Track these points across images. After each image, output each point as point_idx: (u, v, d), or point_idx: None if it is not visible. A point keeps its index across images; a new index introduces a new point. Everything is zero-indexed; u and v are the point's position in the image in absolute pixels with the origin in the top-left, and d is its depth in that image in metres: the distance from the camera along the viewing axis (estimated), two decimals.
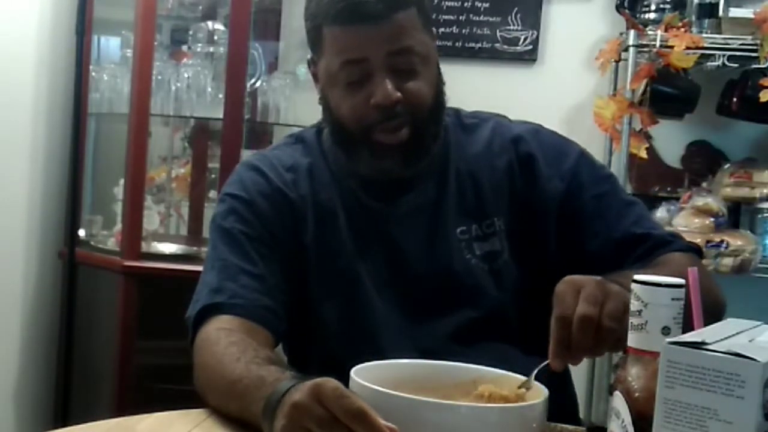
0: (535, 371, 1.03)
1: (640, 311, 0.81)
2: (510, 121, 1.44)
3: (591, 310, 1.00)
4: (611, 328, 0.99)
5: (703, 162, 2.91)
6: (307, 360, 1.37)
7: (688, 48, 2.55)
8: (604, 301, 1.01)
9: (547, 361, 1.02)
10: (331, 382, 0.92)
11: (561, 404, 1.19)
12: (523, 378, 1.03)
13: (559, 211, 1.34)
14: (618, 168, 2.60)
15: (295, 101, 2.83)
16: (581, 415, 1.49)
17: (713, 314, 1.13)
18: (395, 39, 1.27)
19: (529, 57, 3.03)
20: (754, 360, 0.69)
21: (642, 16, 2.78)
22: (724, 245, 2.57)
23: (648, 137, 2.73)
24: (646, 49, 2.63)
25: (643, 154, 2.65)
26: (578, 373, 1.46)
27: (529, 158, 1.36)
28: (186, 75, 2.70)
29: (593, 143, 2.50)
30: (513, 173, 1.37)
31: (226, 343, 1.17)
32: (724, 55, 2.59)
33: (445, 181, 1.37)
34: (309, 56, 1.39)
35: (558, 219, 1.34)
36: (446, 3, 3.03)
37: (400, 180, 1.36)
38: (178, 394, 1.19)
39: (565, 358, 1.01)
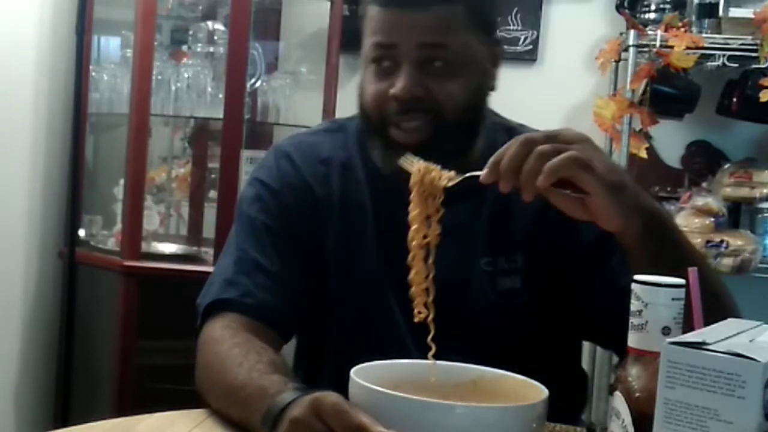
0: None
1: (640, 311, 0.81)
2: None
3: (548, 147, 1.02)
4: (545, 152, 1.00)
5: (703, 162, 2.91)
6: (318, 356, 1.35)
7: (688, 48, 2.55)
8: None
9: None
10: (331, 397, 0.90)
11: (564, 401, 1.16)
12: (522, 378, 1.02)
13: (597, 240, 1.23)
14: None
15: (295, 101, 2.83)
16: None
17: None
18: (429, 31, 1.20)
19: (529, 57, 3.02)
20: (755, 360, 0.69)
21: (642, 16, 2.79)
22: (724, 245, 2.57)
23: (648, 137, 2.73)
24: (646, 49, 2.63)
25: (643, 154, 2.65)
26: None
27: None
28: (186, 75, 2.70)
29: None
30: (548, 208, 1.16)
31: (230, 344, 1.16)
32: (724, 55, 2.59)
33: (481, 202, 1.29)
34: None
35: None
36: None
37: None
38: (178, 394, 1.19)
39: (494, 172, 1.02)
